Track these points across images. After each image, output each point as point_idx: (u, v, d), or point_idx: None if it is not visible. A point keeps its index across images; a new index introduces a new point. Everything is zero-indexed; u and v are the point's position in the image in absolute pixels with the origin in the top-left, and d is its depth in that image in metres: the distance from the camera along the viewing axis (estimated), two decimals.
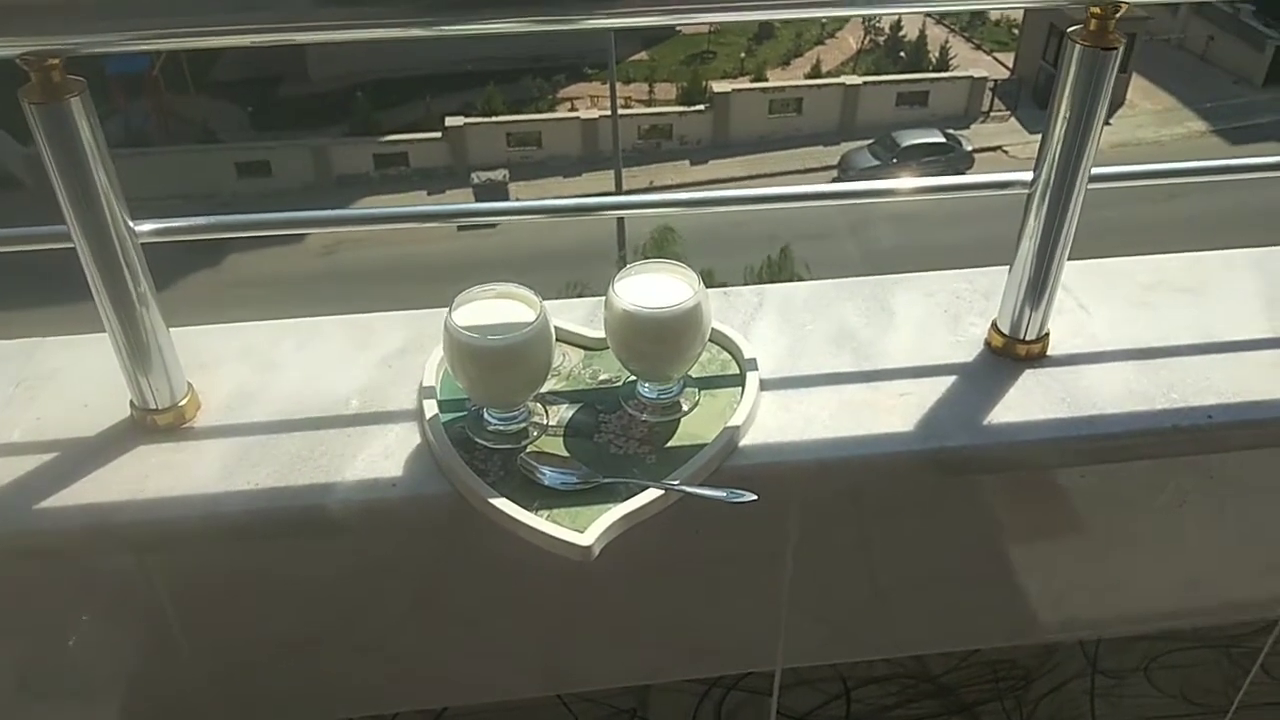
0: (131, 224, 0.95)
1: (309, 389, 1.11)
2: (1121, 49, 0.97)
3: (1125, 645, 1.35)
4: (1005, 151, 16.80)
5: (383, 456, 1.03)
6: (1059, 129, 1.01)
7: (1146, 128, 17.18)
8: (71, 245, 0.95)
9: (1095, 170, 1.04)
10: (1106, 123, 1.02)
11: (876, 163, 16.07)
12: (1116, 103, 17.02)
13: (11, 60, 0.85)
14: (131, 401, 1.05)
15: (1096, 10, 0.95)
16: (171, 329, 1.04)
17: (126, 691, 1.16)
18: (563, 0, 0.90)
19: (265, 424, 1.07)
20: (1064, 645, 1.33)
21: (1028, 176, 1.06)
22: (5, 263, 1.26)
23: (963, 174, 15.19)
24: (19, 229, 1.02)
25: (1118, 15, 0.95)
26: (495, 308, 1.01)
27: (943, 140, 16.32)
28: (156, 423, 1.05)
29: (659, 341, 1.02)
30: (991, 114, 17.92)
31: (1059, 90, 0.99)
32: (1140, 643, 1.35)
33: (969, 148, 16.36)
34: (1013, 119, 17.74)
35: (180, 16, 0.85)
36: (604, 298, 1.04)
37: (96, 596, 1.06)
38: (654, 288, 1.02)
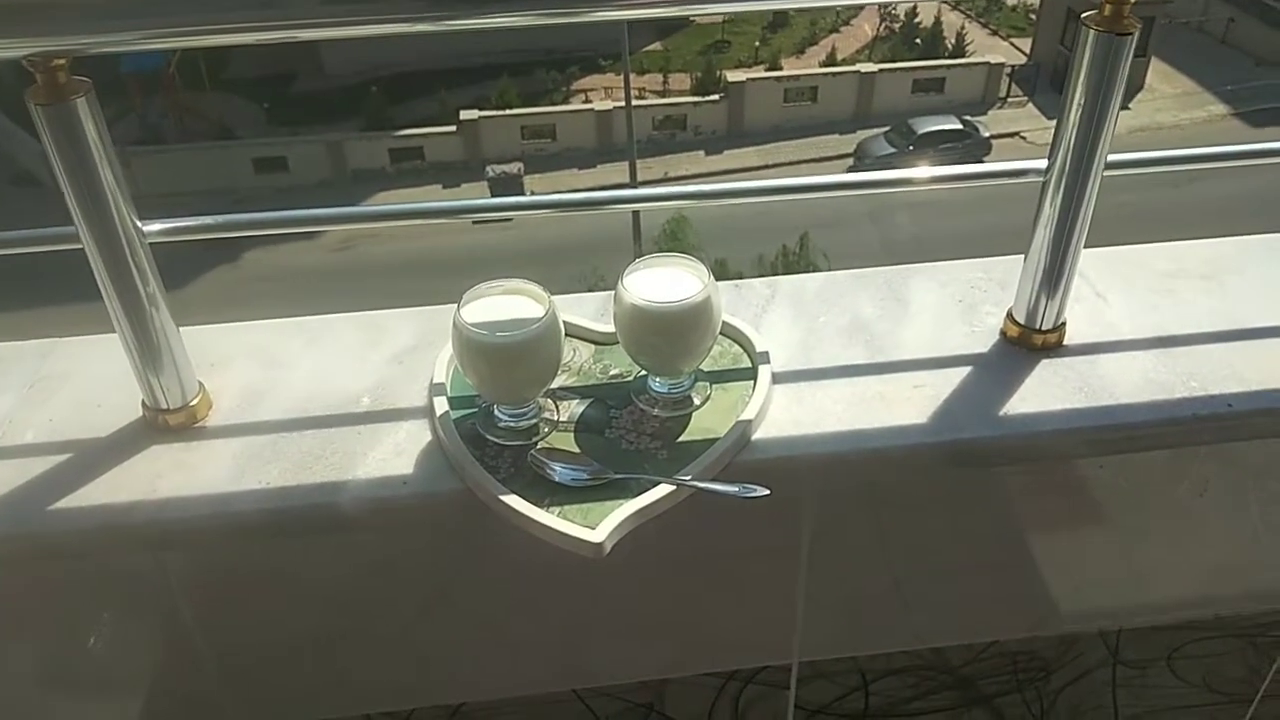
0: (139, 224, 0.95)
1: (320, 387, 1.11)
2: (1137, 34, 0.95)
3: (1147, 635, 1.33)
4: (1023, 137, 16.67)
5: (394, 454, 1.03)
6: (1074, 115, 0.99)
7: (1166, 111, 17.00)
8: (81, 246, 0.95)
9: (1111, 157, 1.02)
10: (1125, 107, 1.01)
11: (893, 150, 15.98)
12: (1135, 87, 16.84)
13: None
14: (143, 401, 1.06)
15: None
16: (182, 328, 1.04)
17: (144, 689, 1.16)
18: None
19: (277, 423, 1.06)
20: (1085, 636, 1.32)
21: (1042, 164, 1.05)
22: (21, 262, 1.26)
23: (981, 160, 15.09)
24: (27, 230, 1.02)
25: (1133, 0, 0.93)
26: (504, 304, 1.00)
27: (960, 127, 16.20)
28: (168, 422, 1.05)
29: (668, 335, 1.01)
30: (1009, 100, 17.77)
31: (1073, 76, 0.98)
32: (1163, 632, 1.34)
33: (986, 134, 16.24)
34: (1030, 104, 17.59)
35: (183, 15, 0.85)
36: (613, 292, 1.03)
37: (112, 596, 1.07)
38: (663, 281, 1.01)
